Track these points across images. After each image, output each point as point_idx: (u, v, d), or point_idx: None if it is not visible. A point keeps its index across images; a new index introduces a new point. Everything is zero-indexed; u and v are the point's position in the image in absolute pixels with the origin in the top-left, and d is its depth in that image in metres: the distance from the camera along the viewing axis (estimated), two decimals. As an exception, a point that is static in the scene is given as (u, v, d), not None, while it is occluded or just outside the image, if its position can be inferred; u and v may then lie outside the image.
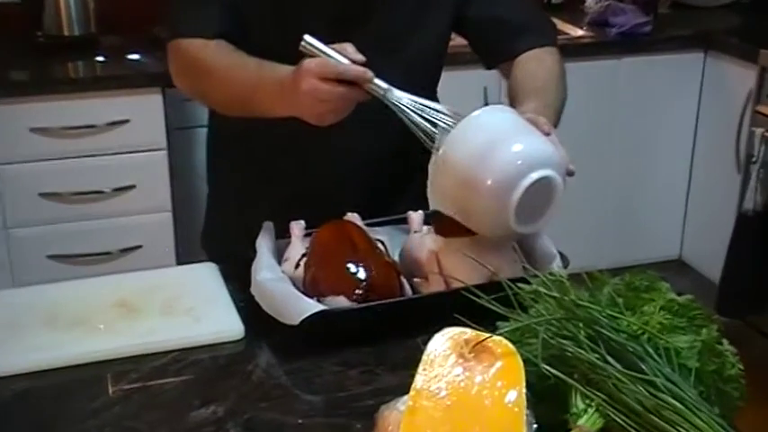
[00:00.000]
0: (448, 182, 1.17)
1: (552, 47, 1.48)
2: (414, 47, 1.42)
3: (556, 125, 1.33)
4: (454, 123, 1.17)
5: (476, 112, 1.17)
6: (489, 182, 1.12)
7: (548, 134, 1.19)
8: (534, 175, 1.12)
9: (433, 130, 1.18)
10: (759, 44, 2.84)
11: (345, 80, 1.19)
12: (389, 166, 1.49)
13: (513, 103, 1.36)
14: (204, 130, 1.61)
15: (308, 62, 1.19)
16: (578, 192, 3.17)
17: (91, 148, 2.54)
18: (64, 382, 1.08)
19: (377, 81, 1.21)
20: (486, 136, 1.15)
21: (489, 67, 1.54)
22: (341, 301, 1.14)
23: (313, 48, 1.22)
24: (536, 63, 1.44)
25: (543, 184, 1.14)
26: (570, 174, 1.20)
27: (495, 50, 1.50)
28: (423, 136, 1.19)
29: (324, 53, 1.21)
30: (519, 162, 1.13)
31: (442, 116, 1.19)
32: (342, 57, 1.21)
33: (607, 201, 3.22)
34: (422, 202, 1.28)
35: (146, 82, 2.51)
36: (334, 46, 1.21)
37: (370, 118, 1.24)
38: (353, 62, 1.21)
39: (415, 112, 1.20)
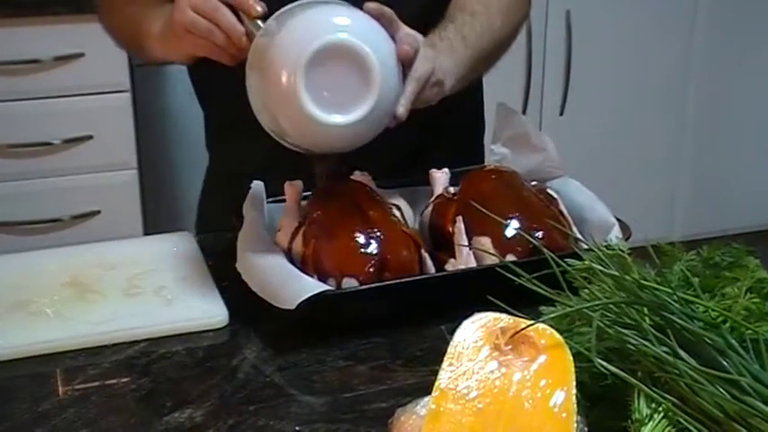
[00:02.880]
0: (254, 80, 1.16)
1: None
2: None
3: (475, 64, 1.33)
4: None
5: None
6: (277, 54, 1.12)
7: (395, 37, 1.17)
8: (330, 38, 1.11)
9: None
10: None
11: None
12: (409, 124, 1.50)
13: None
14: (176, 69, 1.62)
15: None
16: (644, 144, 3.19)
17: (35, 88, 2.54)
18: (2, 380, 1.09)
19: (261, 23, 1.17)
20: (294, 17, 1.14)
21: None
22: (347, 281, 1.15)
23: None
24: None
25: (350, 61, 1.12)
26: (404, 56, 1.17)
27: None
28: None
29: None
30: (314, 26, 1.13)
31: None
32: None
33: (681, 155, 3.21)
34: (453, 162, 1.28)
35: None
36: None
37: None
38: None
39: None
